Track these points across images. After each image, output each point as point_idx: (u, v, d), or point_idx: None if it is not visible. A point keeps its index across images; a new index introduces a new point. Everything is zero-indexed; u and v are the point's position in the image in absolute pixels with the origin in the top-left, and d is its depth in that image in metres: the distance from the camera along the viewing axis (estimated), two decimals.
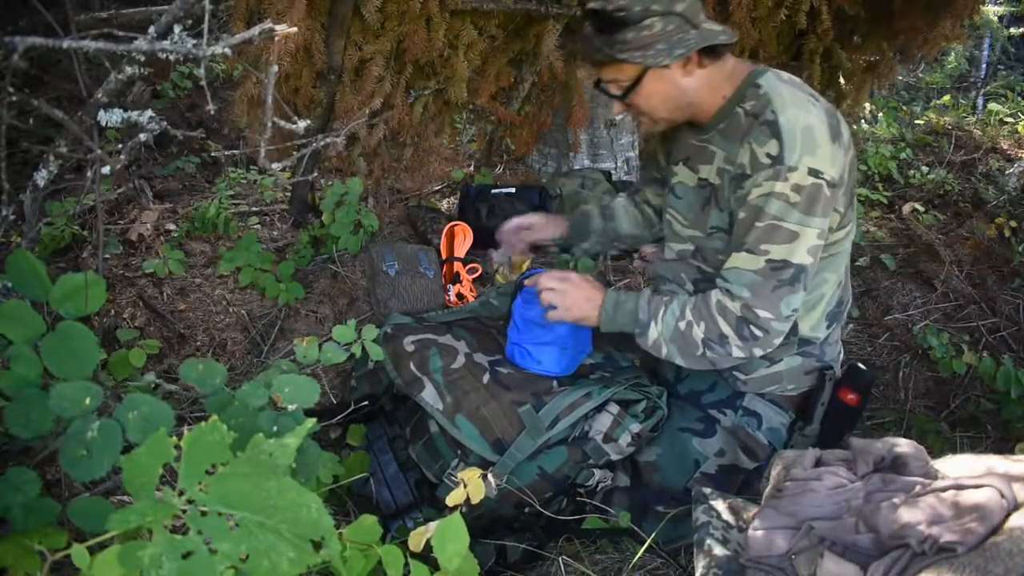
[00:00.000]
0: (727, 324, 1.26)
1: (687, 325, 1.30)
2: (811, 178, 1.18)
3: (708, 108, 1.32)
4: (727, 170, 1.30)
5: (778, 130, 1.19)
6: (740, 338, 1.26)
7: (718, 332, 1.27)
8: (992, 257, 2.54)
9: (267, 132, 0.98)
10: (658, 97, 1.29)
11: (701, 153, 1.38)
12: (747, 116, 1.26)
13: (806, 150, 1.18)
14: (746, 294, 1.24)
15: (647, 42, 1.21)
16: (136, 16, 1.78)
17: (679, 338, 1.31)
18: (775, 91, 1.24)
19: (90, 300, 0.88)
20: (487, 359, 1.51)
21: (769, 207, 1.20)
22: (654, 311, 1.33)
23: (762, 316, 1.24)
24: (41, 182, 1.20)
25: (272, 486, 0.66)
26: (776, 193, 1.19)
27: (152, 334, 1.88)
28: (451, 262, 2.29)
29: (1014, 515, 0.88)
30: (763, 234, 1.21)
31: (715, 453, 1.42)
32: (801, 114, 1.20)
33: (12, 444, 1.08)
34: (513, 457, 1.33)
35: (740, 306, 1.25)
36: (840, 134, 1.23)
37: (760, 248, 1.22)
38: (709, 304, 1.29)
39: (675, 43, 1.22)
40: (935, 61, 5.29)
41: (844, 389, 1.41)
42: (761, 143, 1.21)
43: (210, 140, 3.14)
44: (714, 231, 1.36)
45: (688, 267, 1.45)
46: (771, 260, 1.22)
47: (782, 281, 1.22)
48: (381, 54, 2.03)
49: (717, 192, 1.34)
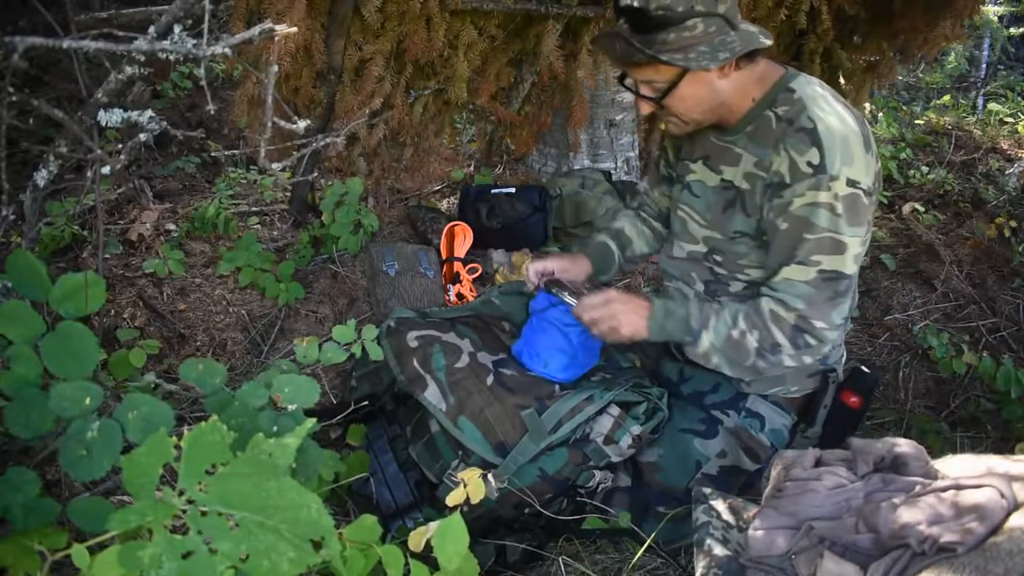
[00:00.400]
0: (781, 334, 1.25)
1: (740, 334, 1.28)
2: (850, 188, 1.17)
3: (737, 110, 1.29)
4: (759, 176, 1.28)
5: (818, 139, 1.18)
6: (794, 347, 1.26)
7: (772, 341, 1.26)
8: (992, 257, 2.54)
9: (267, 132, 0.98)
10: (692, 99, 1.26)
11: (724, 154, 1.36)
12: (780, 121, 1.25)
13: (845, 160, 1.17)
14: (801, 305, 1.23)
15: (689, 43, 1.17)
16: (136, 16, 1.78)
17: (731, 347, 1.29)
18: (810, 97, 1.23)
19: (90, 300, 0.88)
20: (491, 359, 1.51)
21: (816, 218, 1.19)
22: (705, 319, 1.31)
23: (817, 326, 1.23)
24: (41, 182, 1.20)
25: (272, 486, 0.66)
26: (821, 203, 1.18)
27: (152, 334, 1.89)
28: (451, 262, 2.29)
29: (1014, 515, 0.88)
30: (814, 246, 1.20)
31: (717, 454, 1.42)
32: (837, 122, 1.19)
33: (12, 444, 1.08)
34: (515, 460, 1.33)
35: (795, 316, 1.24)
36: (871, 144, 1.23)
37: (811, 259, 1.21)
38: (762, 314, 1.27)
39: (717, 46, 1.18)
40: (935, 61, 5.29)
41: (846, 391, 1.41)
42: (801, 152, 1.19)
43: (210, 140, 3.14)
44: (738, 235, 1.35)
45: (699, 267, 1.44)
46: (823, 271, 1.21)
47: (836, 292, 1.22)
48: (381, 54, 2.03)
49: (744, 197, 1.32)
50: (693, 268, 1.45)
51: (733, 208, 1.35)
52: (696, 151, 1.43)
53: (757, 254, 1.34)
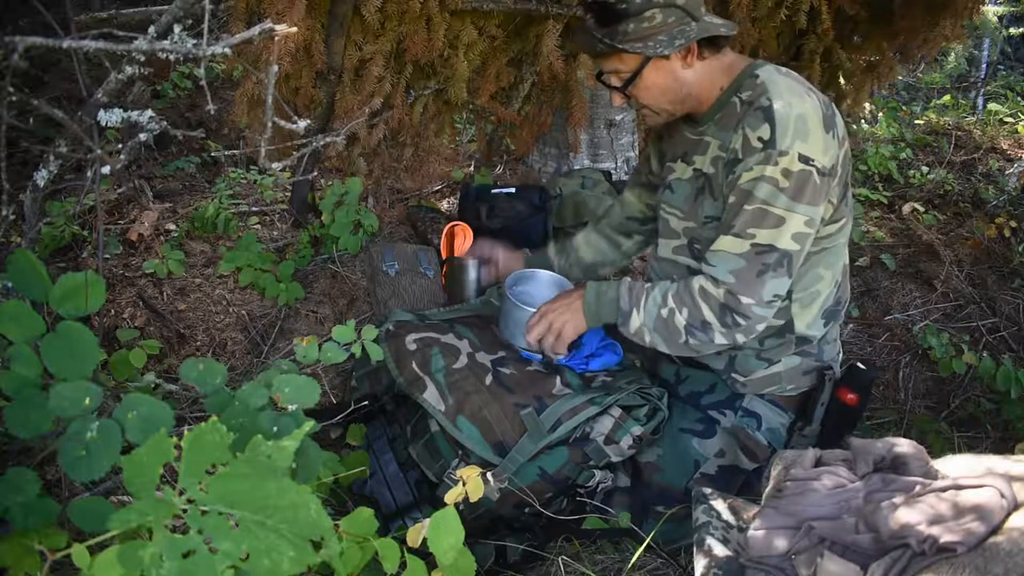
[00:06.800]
0: (710, 311, 1.27)
1: (669, 312, 1.30)
2: (801, 164, 1.18)
3: (706, 100, 1.33)
4: (721, 157, 1.31)
5: (772, 115, 1.20)
6: (723, 325, 1.27)
7: (700, 319, 1.27)
8: (992, 257, 2.54)
9: (267, 132, 0.98)
10: (658, 88, 1.31)
11: (697, 146, 1.39)
12: (742, 104, 1.27)
13: (798, 136, 1.18)
14: (731, 280, 1.24)
15: (648, 33, 1.23)
16: (136, 16, 1.78)
17: (661, 325, 1.32)
18: (772, 80, 1.25)
19: (90, 300, 0.88)
20: (490, 358, 1.51)
21: (758, 191, 1.21)
22: (635, 299, 1.34)
23: (744, 302, 1.24)
24: (41, 182, 1.20)
25: (272, 486, 0.66)
26: (766, 177, 1.19)
27: (152, 334, 1.88)
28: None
29: (1014, 515, 0.88)
30: (750, 218, 1.22)
31: (715, 454, 1.42)
32: (796, 101, 1.21)
33: (12, 444, 1.08)
34: (514, 460, 1.33)
35: (723, 292, 1.25)
36: (834, 125, 1.24)
37: (747, 232, 1.23)
38: (692, 290, 1.29)
39: (675, 34, 1.24)
40: (935, 61, 5.28)
41: (844, 389, 1.41)
42: (754, 128, 1.22)
43: (210, 140, 3.14)
44: (708, 220, 1.36)
45: (677, 267, 1.46)
46: (756, 244, 1.22)
47: (766, 265, 1.23)
48: (381, 54, 2.03)
49: (711, 181, 1.35)
50: (673, 268, 1.47)
51: (703, 194, 1.37)
52: (676, 151, 1.46)
53: None
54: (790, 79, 1.26)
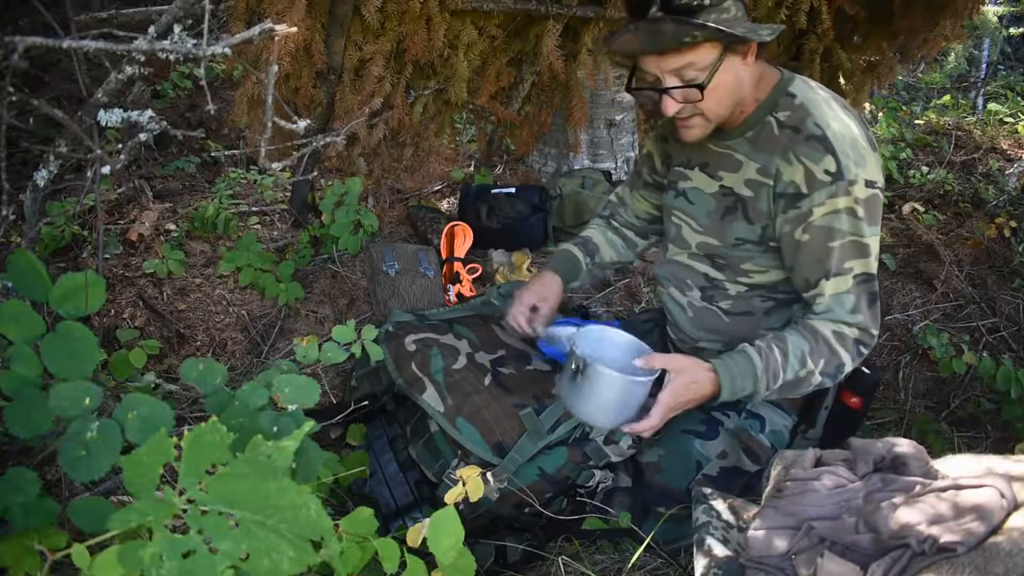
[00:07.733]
0: (846, 352, 1.25)
1: (808, 372, 1.25)
2: (868, 189, 1.19)
3: (747, 109, 1.29)
4: (764, 183, 1.27)
5: (831, 146, 1.19)
6: (854, 359, 1.26)
7: (837, 363, 1.25)
8: (992, 257, 2.54)
9: (267, 132, 0.98)
10: (725, 88, 1.22)
11: (723, 160, 1.35)
12: (782, 127, 1.25)
13: (859, 162, 1.18)
14: (858, 318, 1.23)
15: (728, 24, 1.16)
16: (136, 16, 1.78)
17: (793, 384, 1.27)
18: (812, 102, 1.23)
19: (90, 300, 0.88)
20: (489, 358, 1.51)
21: (839, 224, 1.20)
22: (773, 375, 1.25)
23: (873, 332, 1.25)
24: (41, 182, 1.20)
25: (272, 486, 0.66)
26: (841, 209, 1.19)
27: (152, 334, 1.89)
28: (451, 262, 2.29)
29: (1014, 515, 0.88)
30: (842, 253, 1.21)
31: (717, 455, 1.41)
32: (843, 127, 1.20)
33: (12, 444, 1.08)
34: (514, 460, 1.33)
35: (856, 331, 1.25)
36: (874, 142, 1.25)
37: (844, 267, 1.22)
38: (826, 341, 1.24)
39: (749, 28, 1.19)
40: (935, 61, 5.28)
41: (847, 392, 1.41)
42: (816, 160, 1.19)
43: (210, 140, 3.14)
44: (740, 243, 1.34)
45: (694, 273, 1.44)
46: (856, 276, 1.22)
47: (872, 294, 1.24)
48: (381, 54, 2.03)
49: (747, 204, 1.31)
50: (688, 274, 1.45)
51: (733, 215, 1.34)
52: (693, 159, 1.42)
53: (762, 258, 1.33)
54: (826, 95, 1.26)
